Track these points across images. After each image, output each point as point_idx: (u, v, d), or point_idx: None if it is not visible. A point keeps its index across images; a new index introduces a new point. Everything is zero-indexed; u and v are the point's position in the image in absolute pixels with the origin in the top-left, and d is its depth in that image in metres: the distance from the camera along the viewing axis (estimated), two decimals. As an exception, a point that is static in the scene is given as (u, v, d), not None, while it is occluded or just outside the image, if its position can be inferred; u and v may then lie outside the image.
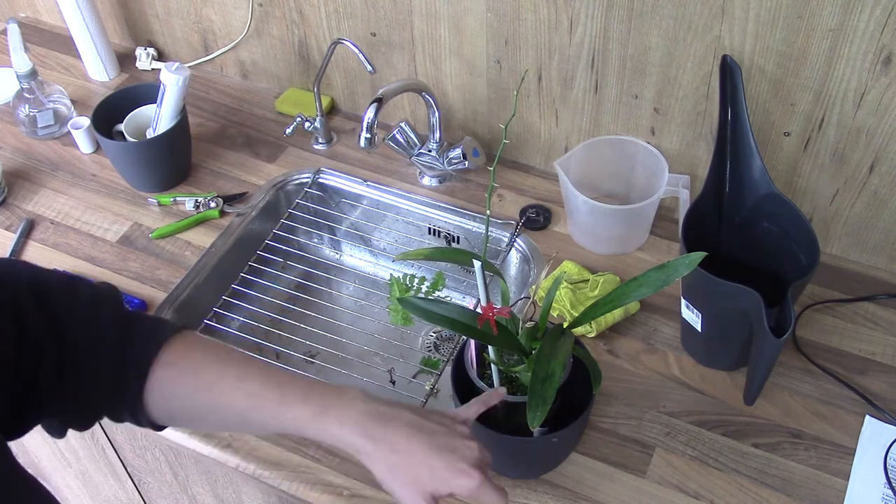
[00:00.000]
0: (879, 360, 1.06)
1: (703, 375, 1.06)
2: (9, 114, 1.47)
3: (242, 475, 1.01)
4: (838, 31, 0.97)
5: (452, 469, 0.72)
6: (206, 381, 0.74)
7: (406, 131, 1.30)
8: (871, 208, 1.11)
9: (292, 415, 0.72)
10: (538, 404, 0.76)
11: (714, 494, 0.94)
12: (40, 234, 1.28)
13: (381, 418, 0.73)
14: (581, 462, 0.98)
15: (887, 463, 0.96)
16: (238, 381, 0.74)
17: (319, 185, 1.37)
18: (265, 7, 1.38)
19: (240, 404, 0.74)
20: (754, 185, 1.03)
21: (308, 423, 0.72)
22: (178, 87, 1.27)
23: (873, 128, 1.03)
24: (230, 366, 0.75)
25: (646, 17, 1.07)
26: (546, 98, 1.23)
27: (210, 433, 1.02)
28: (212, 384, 0.74)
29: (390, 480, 0.72)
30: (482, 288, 0.80)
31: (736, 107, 1.01)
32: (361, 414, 0.72)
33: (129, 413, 0.74)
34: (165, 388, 0.73)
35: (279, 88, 1.51)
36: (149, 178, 1.32)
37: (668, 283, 0.80)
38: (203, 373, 0.74)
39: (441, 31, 1.24)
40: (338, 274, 1.39)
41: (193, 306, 1.19)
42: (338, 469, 0.99)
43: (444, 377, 1.06)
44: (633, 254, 1.21)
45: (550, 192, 1.30)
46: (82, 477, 1.42)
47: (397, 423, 0.73)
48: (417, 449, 0.72)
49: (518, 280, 1.27)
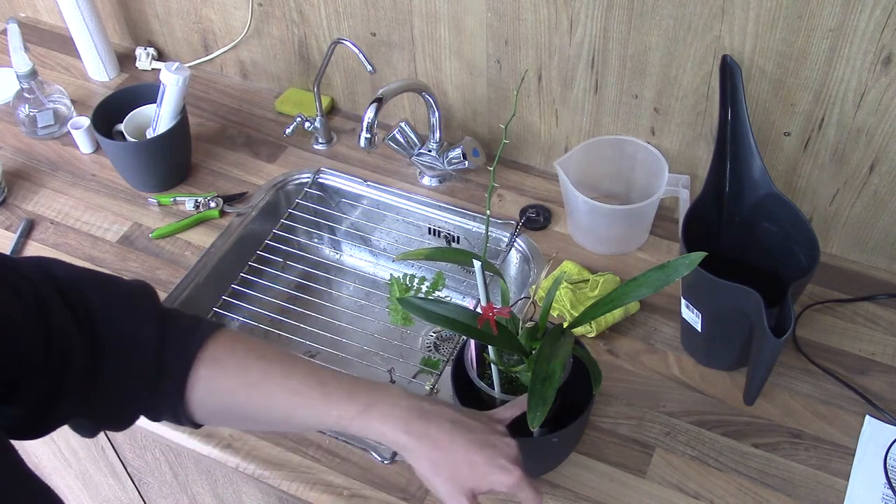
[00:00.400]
0: (879, 360, 1.06)
1: (703, 375, 1.06)
2: (9, 114, 1.47)
3: (242, 475, 1.01)
4: (838, 31, 0.97)
5: (493, 465, 0.73)
6: (250, 378, 0.74)
7: (406, 131, 1.30)
8: (871, 208, 1.11)
9: (337, 412, 0.73)
10: (538, 404, 0.76)
11: (714, 494, 0.94)
12: (40, 234, 1.28)
13: (423, 415, 0.74)
14: (581, 462, 0.98)
15: (887, 463, 0.96)
16: (283, 378, 0.74)
17: (319, 185, 1.37)
18: (265, 7, 1.38)
19: (284, 402, 0.74)
20: (754, 185, 1.03)
21: (352, 419, 0.73)
22: (178, 87, 1.27)
23: (873, 128, 1.03)
24: (274, 363, 0.75)
25: (646, 17, 1.07)
26: (546, 98, 1.24)
27: (210, 433, 1.02)
28: (256, 382, 0.74)
29: (432, 476, 0.73)
30: (482, 288, 0.80)
31: (736, 107, 1.01)
32: (405, 411, 0.74)
33: (169, 413, 0.74)
34: (208, 386, 0.73)
35: (279, 88, 1.51)
36: (149, 178, 1.32)
37: (668, 283, 0.80)
38: (247, 371, 0.74)
39: (441, 31, 1.24)
40: (338, 274, 1.39)
41: (193, 306, 1.19)
42: (338, 469, 0.99)
43: (444, 377, 1.06)
44: (633, 254, 1.21)
45: (550, 192, 1.30)
46: (82, 477, 1.42)
47: (439, 420, 0.74)
48: (459, 445, 0.73)
49: (518, 280, 1.27)
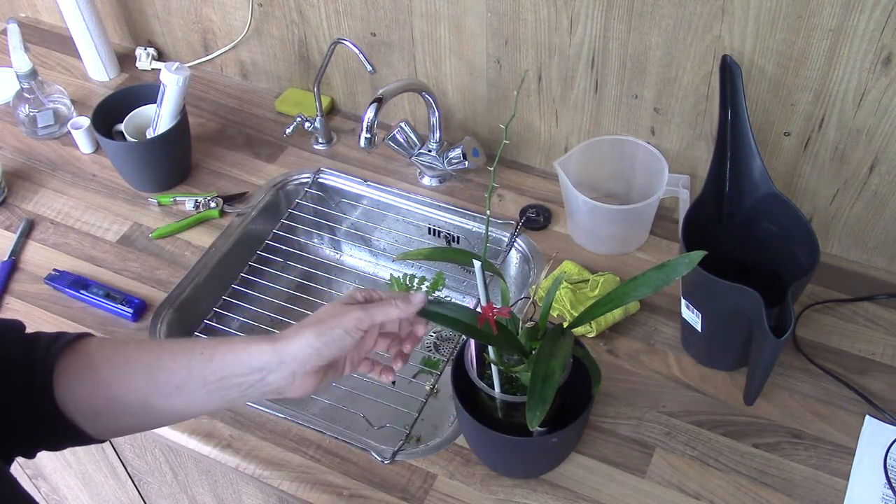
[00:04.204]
0: (879, 360, 1.06)
1: (703, 375, 1.06)
2: (9, 114, 1.47)
3: (242, 475, 1.01)
4: (838, 31, 0.97)
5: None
6: (126, 357, 0.73)
7: (406, 131, 1.30)
8: (871, 208, 1.11)
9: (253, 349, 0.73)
10: (538, 404, 0.76)
11: (714, 494, 0.94)
12: (40, 234, 1.28)
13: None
14: (581, 462, 0.98)
15: (887, 463, 0.96)
16: (165, 344, 0.75)
17: (319, 185, 1.37)
18: (265, 7, 1.38)
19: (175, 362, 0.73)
20: (754, 185, 1.03)
21: (269, 345, 0.74)
22: (178, 87, 1.27)
23: (873, 128, 1.03)
24: (147, 343, 0.75)
25: (646, 17, 1.07)
26: (546, 98, 1.23)
27: (210, 432, 1.02)
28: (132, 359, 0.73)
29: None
30: (482, 288, 0.80)
31: (736, 107, 1.01)
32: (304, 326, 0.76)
33: (56, 435, 0.72)
34: (74, 385, 0.71)
35: (279, 88, 1.51)
36: (149, 178, 1.32)
37: (667, 283, 0.80)
38: (119, 354, 0.73)
39: (441, 31, 1.24)
40: (338, 274, 1.38)
41: (193, 306, 1.19)
42: (338, 469, 0.99)
43: (444, 377, 1.06)
44: (633, 254, 1.21)
45: (550, 192, 1.30)
46: (82, 477, 1.42)
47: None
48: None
49: (518, 280, 1.27)
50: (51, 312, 1.17)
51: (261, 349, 0.73)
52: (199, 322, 1.17)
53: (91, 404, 0.72)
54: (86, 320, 1.16)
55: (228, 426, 1.03)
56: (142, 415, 0.74)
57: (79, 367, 0.72)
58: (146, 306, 1.17)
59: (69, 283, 1.18)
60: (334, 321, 0.74)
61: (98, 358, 0.73)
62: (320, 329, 0.74)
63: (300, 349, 0.73)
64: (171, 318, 1.16)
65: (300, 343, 0.73)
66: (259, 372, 0.73)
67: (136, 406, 0.73)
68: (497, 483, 0.96)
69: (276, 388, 0.74)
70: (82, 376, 0.71)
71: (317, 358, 0.74)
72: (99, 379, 0.72)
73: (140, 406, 0.73)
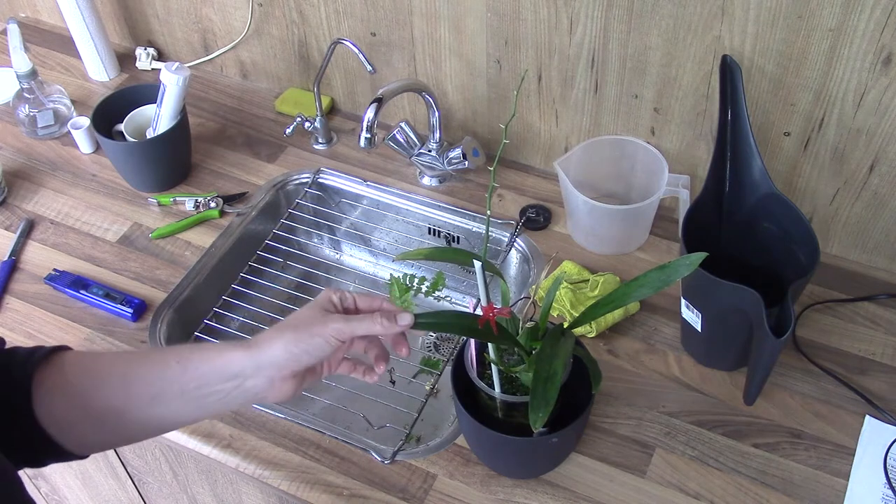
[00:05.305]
0: (879, 360, 1.06)
1: (703, 375, 1.06)
2: (9, 114, 1.47)
3: (242, 475, 1.01)
4: (838, 31, 0.97)
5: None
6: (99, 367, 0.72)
7: (406, 131, 1.30)
8: (871, 208, 1.11)
9: (228, 356, 0.73)
10: (541, 405, 0.75)
11: (714, 494, 0.94)
12: (40, 234, 1.28)
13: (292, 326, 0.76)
14: (581, 462, 0.98)
15: (887, 463, 0.96)
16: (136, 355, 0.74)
17: (319, 185, 1.37)
18: (265, 7, 1.38)
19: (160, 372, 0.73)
20: (754, 185, 1.03)
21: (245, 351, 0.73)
22: (178, 87, 1.27)
23: (873, 128, 1.03)
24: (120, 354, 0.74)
25: (646, 17, 1.07)
26: (546, 98, 1.23)
27: (210, 432, 1.02)
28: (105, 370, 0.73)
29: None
30: (482, 288, 0.80)
31: (736, 107, 1.01)
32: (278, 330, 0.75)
33: (36, 451, 0.71)
34: (50, 399, 0.70)
35: (279, 88, 1.51)
36: (149, 178, 1.32)
37: (668, 284, 0.80)
38: (95, 365, 0.73)
39: (441, 31, 1.24)
40: (338, 274, 1.38)
41: (193, 306, 1.19)
42: (338, 469, 0.99)
43: (444, 377, 1.06)
44: (633, 254, 1.21)
45: (550, 192, 1.30)
46: (82, 477, 1.42)
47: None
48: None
49: (518, 280, 1.27)
50: (51, 312, 1.17)
51: (236, 356, 0.73)
52: (199, 322, 1.17)
53: (68, 418, 0.71)
54: (86, 320, 1.16)
55: (228, 426, 1.03)
56: (120, 427, 0.73)
57: (55, 380, 0.70)
58: (146, 306, 1.17)
59: (69, 283, 1.18)
60: (315, 329, 0.73)
61: (73, 370, 0.72)
62: (299, 335, 0.73)
63: (278, 355, 0.73)
64: (170, 319, 1.16)
65: (277, 348, 0.73)
66: (236, 378, 0.73)
67: (112, 418, 0.72)
68: (497, 483, 0.96)
69: (255, 395, 0.74)
70: (58, 390, 0.70)
71: (294, 363, 0.73)
72: (74, 391, 0.71)
73: (117, 418, 0.73)
